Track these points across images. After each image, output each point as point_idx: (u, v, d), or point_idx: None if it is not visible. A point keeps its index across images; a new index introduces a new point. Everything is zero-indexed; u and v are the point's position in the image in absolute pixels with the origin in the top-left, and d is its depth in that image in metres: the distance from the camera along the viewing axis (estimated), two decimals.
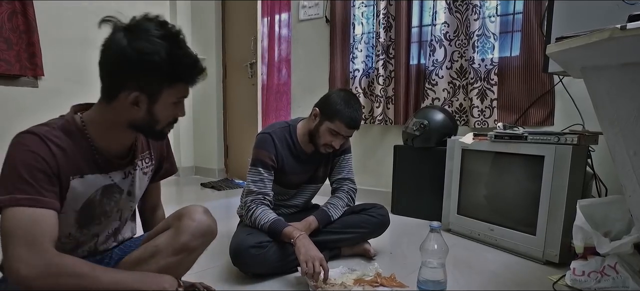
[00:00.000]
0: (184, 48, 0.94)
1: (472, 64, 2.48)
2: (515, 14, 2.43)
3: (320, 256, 1.46)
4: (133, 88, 0.93)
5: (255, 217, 1.61)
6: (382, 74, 2.84)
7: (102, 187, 1.03)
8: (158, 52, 0.90)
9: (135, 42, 0.90)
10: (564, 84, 2.19)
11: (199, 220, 1.09)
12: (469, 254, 1.93)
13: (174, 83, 0.96)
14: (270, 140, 1.68)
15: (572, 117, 2.16)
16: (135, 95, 0.93)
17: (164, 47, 0.90)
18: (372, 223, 1.79)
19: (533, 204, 1.81)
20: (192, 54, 0.96)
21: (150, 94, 0.95)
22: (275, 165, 1.68)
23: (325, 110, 1.64)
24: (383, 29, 2.80)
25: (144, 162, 1.16)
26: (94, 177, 1.00)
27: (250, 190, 1.65)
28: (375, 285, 1.52)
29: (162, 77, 0.93)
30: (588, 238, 1.48)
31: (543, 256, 1.78)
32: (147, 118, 0.98)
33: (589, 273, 1.46)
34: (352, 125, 1.63)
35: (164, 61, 0.90)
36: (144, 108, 0.96)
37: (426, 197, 2.48)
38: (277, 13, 4.01)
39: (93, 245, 1.11)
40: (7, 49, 2.87)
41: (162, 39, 0.91)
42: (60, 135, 0.94)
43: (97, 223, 1.08)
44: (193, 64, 0.96)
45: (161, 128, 1.02)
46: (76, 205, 0.99)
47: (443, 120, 2.42)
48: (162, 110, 0.98)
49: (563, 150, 1.70)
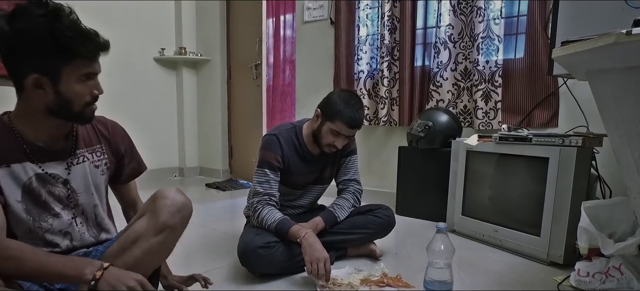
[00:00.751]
0: (66, 21, 0.94)
1: (476, 66, 2.50)
2: (520, 16, 2.44)
3: (325, 256, 1.48)
4: (31, 71, 0.93)
5: (262, 217, 1.63)
6: (386, 76, 2.86)
7: (34, 174, 1.02)
8: (37, 28, 0.90)
9: (15, 24, 0.91)
10: (568, 86, 2.20)
11: (173, 197, 1.09)
12: (473, 255, 1.94)
13: (71, 60, 0.95)
14: (277, 141, 1.70)
15: (576, 119, 2.17)
16: (35, 78, 0.94)
17: (43, 22, 0.91)
18: (378, 223, 1.81)
19: (537, 205, 1.82)
20: (78, 26, 0.96)
21: (50, 74, 0.95)
22: (282, 166, 1.70)
23: (326, 111, 1.66)
24: (388, 31, 2.82)
25: (95, 156, 1.15)
26: (21, 165, 1.00)
27: (257, 191, 1.67)
28: (382, 285, 1.53)
29: (54, 54, 0.93)
30: (593, 240, 1.49)
31: (547, 257, 1.79)
32: (57, 100, 0.97)
33: (594, 274, 1.48)
34: (353, 125, 1.64)
35: (46, 36, 0.90)
36: (50, 91, 0.96)
37: (430, 197, 2.50)
38: (281, 14, 4.03)
39: (69, 243, 1.10)
40: None
41: (42, 17, 0.91)
42: None
43: (52, 213, 1.06)
44: (82, 36, 0.95)
45: (80, 110, 1.01)
46: (16, 195, 1.00)
47: (447, 122, 2.43)
48: (69, 89, 0.97)
49: (568, 152, 1.71)
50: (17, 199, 1.00)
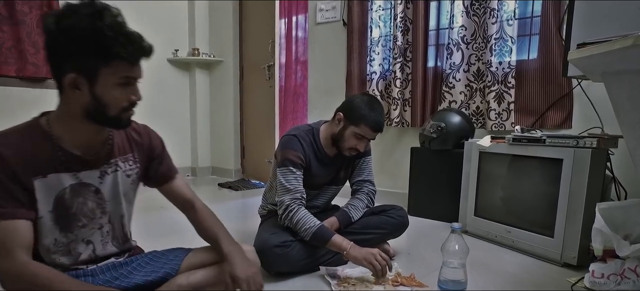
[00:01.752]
0: (109, 20, 0.90)
1: (489, 67, 2.50)
2: (534, 17, 2.43)
3: (375, 249, 1.54)
4: (69, 70, 0.92)
5: (298, 219, 1.60)
6: (399, 77, 2.87)
7: (69, 185, 1.01)
8: (80, 26, 0.89)
9: (61, 22, 0.90)
10: (582, 87, 2.19)
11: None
12: (486, 255, 1.95)
13: (110, 61, 0.92)
14: (297, 141, 1.72)
15: (590, 120, 2.16)
16: (72, 77, 0.92)
17: (87, 21, 0.89)
18: (392, 224, 1.83)
19: (551, 207, 1.82)
20: (122, 27, 0.93)
21: (88, 75, 0.92)
22: (304, 164, 1.70)
23: (349, 115, 1.67)
24: (400, 32, 2.83)
25: (128, 164, 1.13)
26: (57, 176, 0.98)
27: (286, 188, 1.65)
28: (396, 284, 1.55)
29: (93, 54, 0.91)
30: (607, 241, 1.49)
31: (561, 259, 1.79)
32: (93, 103, 0.95)
33: (609, 276, 1.48)
34: (377, 129, 1.67)
35: (88, 35, 0.88)
36: (86, 92, 0.93)
37: (442, 198, 2.50)
38: (294, 15, 4.06)
39: (92, 253, 1.10)
40: (35, 52, 2.98)
41: (88, 17, 0.89)
42: (18, 138, 0.95)
43: (81, 225, 1.06)
44: (125, 37, 0.92)
45: (116, 114, 0.98)
46: (48, 205, 0.98)
47: (460, 123, 2.44)
48: (106, 92, 0.94)
49: (582, 153, 1.71)
50: (49, 209, 0.99)
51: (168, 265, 1.16)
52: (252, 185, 3.81)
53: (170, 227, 2.09)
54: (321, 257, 1.67)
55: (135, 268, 1.15)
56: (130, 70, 0.97)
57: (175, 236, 1.58)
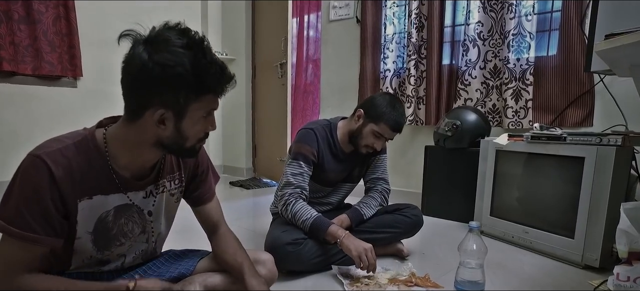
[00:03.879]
0: (209, 56, 0.86)
1: (506, 64, 2.44)
2: (553, 12, 2.37)
3: (369, 246, 1.50)
4: (158, 105, 0.86)
5: (295, 211, 1.61)
6: (413, 74, 2.83)
7: (114, 207, 0.97)
8: (181, 63, 0.82)
9: (157, 55, 0.82)
10: (605, 84, 2.12)
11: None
12: (503, 256, 1.90)
13: (202, 96, 0.88)
14: (314, 135, 1.70)
15: (613, 117, 2.09)
16: (161, 113, 0.86)
17: (187, 56, 0.83)
18: (406, 223, 1.79)
19: (571, 207, 1.76)
20: (218, 61, 0.88)
21: (177, 110, 0.87)
22: (316, 160, 1.69)
23: (370, 112, 1.65)
24: (415, 29, 2.79)
25: (173, 184, 1.09)
26: (104, 198, 0.94)
27: (289, 182, 1.65)
28: (410, 284, 1.51)
29: (189, 90, 0.85)
30: (633, 243, 1.42)
31: (582, 260, 1.73)
32: (175, 136, 0.90)
33: (635, 279, 1.41)
34: (397, 128, 1.65)
35: (188, 72, 0.83)
36: (170, 126, 0.89)
37: (457, 198, 2.45)
38: (306, 13, 4.04)
39: (120, 265, 1.08)
40: (50, 51, 3.01)
41: (184, 49, 0.83)
42: (73, 154, 0.88)
43: (118, 243, 1.03)
44: (220, 72, 0.88)
45: (191, 145, 0.95)
46: (88, 227, 0.94)
47: (476, 121, 2.38)
48: (190, 126, 0.90)
49: (606, 151, 1.65)
50: (88, 231, 0.95)
51: (183, 266, 1.16)
52: (264, 184, 3.80)
53: (183, 225, 2.08)
54: (334, 256, 1.64)
55: (150, 267, 1.15)
56: (215, 103, 0.92)
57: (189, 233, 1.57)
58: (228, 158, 4.42)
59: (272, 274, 1.23)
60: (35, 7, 2.90)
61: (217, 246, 1.17)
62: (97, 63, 3.28)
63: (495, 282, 1.59)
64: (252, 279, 1.10)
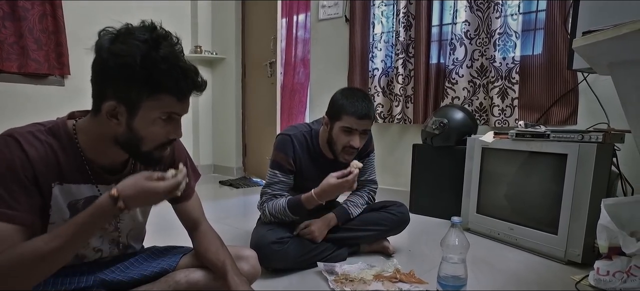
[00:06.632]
0: (164, 51, 0.83)
1: (493, 63, 2.46)
2: (538, 12, 2.39)
3: (334, 179, 1.51)
4: (111, 97, 0.84)
5: (270, 209, 1.63)
6: (401, 73, 2.84)
7: (84, 198, 0.94)
8: (131, 53, 0.80)
9: (113, 46, 0.82)
10: (588, 82, 2.15)
11: None
12: (488, 253, 1.91)
13: (156, 94, 0.85)
14: (290, 142, 1.66)
15: (596, 115, 2.12)
16: (112, 105, 0.85)
17: (139, 49, 0.80)
18: (392, 220, 1.79)
19: (555, 203, 1.78)
20: (177, 59, 0.85)
21: (129, 106, 0.85)
22: (294, 168, 1.67)
23: (331, 112, 1.59)
24: (403, 28, 2.80)
25: None
26: (77, 186, 0.93)
27: (265, 191, 1.68)
28: (395, 280, 1.52)
29: (139, 85, 0.83)
30: (613, 238, 1.45)
31: (565, 256, 1.75)
32: (128, 134, 0.88)
33: (614, 273, 1.44)
34: (362, 115, 1.53)
35: (137, 64, 0.80)
36: (123, 122, 0.87)
37: (445, 195, 2.47)
38: (295, 14, 4.05)
39: (99, 258, 1.08)
40: (37, 49, 2.98)
41: (141, 42, 0.81)
42: (45, 137, 0.88)
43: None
44: (178, 71, 0.85)
45: (148, 150, 0.91)
46: (64, 214, 0.92)
47: (463, 119, 2.40)
48: (144, 125, 0.87)
49: (587, 148, 1.67)
50: (64, 218, 0.92)
51: (166, 262, 1.15)
52: (253, 183, 3.79)
53: (165, 223, 2.07)
54: (319, 254, 1.64)
55: (132, 263, 1.14)
56: (176, 106, 0.89)
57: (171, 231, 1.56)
58: (218, 157, 4.41)
59: (255, 270, 1.23)
60: (20, 4, 2.86)
61: (199, 244, 1.16)
62: (85, 61, 3.23)
63: (481, 279, 1.61)
64: (235, 277, 1.10)
